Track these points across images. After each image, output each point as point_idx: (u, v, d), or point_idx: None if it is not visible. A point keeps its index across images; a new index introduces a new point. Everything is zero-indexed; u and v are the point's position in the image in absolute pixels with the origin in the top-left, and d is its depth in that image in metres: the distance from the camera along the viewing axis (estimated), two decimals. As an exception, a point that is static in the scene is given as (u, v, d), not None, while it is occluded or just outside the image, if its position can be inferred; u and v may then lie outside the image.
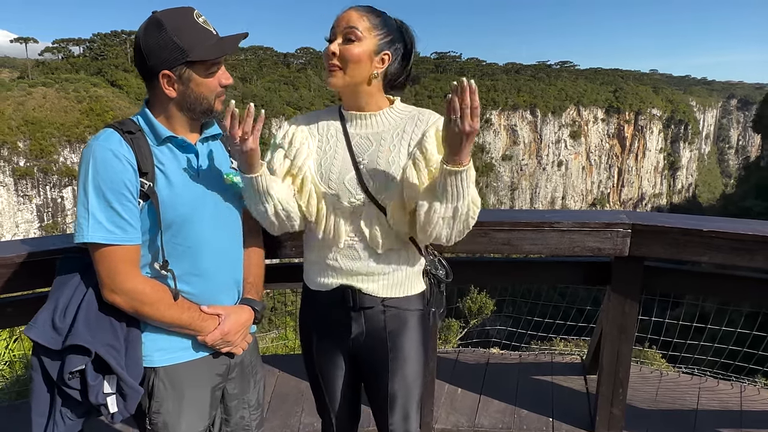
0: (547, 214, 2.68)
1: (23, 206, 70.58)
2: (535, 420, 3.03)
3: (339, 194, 1.75)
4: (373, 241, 1.76)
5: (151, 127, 1.66)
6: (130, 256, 1.61)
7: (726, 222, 2.58)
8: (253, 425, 2.01)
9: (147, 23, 1.61)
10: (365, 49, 1.68)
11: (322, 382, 1.99)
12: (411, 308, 1.88)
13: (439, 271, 1.94)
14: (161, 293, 1.65)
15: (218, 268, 1.78)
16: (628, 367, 2.75)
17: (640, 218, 2.58)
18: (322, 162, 1.79)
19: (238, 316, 1.81)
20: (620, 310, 2.67)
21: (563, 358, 3.70)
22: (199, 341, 1.74)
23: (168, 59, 1.58)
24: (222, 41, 1.64)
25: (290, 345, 5.89)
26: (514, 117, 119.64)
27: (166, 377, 1.71)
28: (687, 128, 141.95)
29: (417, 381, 1.90)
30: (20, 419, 3.04)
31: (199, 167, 1.72)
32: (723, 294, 2.97)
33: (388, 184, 1.73)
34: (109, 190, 1.55)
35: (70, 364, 1.55)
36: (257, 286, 1.94)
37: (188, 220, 1.68)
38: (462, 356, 3.73)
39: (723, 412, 3.10)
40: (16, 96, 72.48)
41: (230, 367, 1.87)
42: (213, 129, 1.79)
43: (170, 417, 1.72)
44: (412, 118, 1.79)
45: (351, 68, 1.68)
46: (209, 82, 1.65)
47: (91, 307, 1.62)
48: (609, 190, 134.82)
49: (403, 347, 1.86)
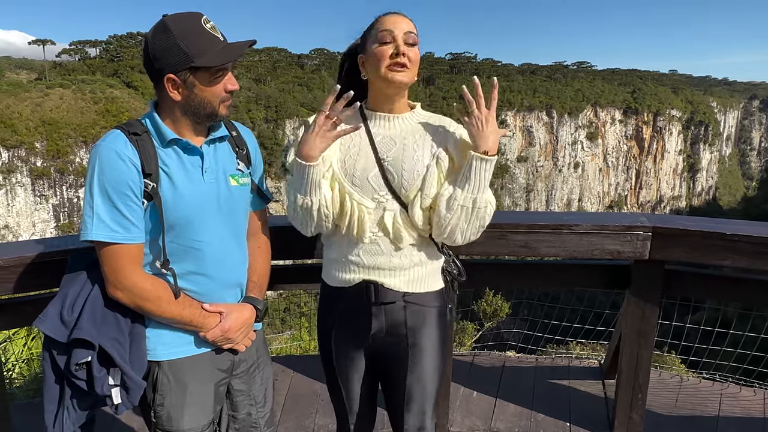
0: (565, 216, 2.65)
1: (40, 206, 71.75)
2: (552, 424, 2.99)
3: (363, 190, 1.80)
4: (396, 236, 1.82)
5: (157, 129, 1.69)
6: (133, 254, 1.65)
7: (749, 225, 2.52)
8: (261, 423, 2.02)
9: (155, 27, 1.64)
10: (418, 53, 1.82)
11: (340, 382, 2.00)
12: (431, 304, 1.91)
13: (453, 269, 2.00)
14: (162, 290, 1.68)
15: (221, 268, 1.80)
16: (647, 372, 2.70)
17: (661, 221, 2.54)
18: (345, 159, 1.84)
19: (240, 314, 1.83)
20: (640, 314, 2.63)
21: (580, 362, 3.66)
22: (201, 337, 1.78)
23: (173, 63, 1.61)
24: (228, 48, 1.66)
25: (304, 346, 5.90)
26: (530, 118, 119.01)
27: (170, 371, 1.76)
28: (707, 129, 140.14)
29: (434, 377, 1.92)
30: (38, 417, 3.07)
31: (204, 169, 1.74)
32: (746, 299, 2.91)
33: (411, 181, 1.80)
34: (113, 190, 1.59)
35: (77, 357, 1.62)
36: (261, 286, 1.97)
37: (191, 222, 1.71)
38: (477, 359, 3.70)
39: (745, 419, 3.04)
40: (33, 97, 73.76)
41: (235, 363, 1.90)
42: (220, 131, 1.81)
43: (173, 410, 1.77)
44: (434, 124, 1.89)
45: (413, 70, 1.80)
46: (214, 88, 1.67)
47: (97, 303, 1.68)
48: (626, 193, 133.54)
49: (422, 343, 1.89)
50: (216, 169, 1.77)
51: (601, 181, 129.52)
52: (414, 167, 1.80)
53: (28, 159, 70.29)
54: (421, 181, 1.80)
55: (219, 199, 1.76)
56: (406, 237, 1.82)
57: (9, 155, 69.16)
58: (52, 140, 71.03)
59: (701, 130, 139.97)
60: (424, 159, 1.81)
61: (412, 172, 1.79)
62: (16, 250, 2.22)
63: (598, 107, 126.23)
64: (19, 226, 69.62)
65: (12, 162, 69.35)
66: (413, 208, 1.80)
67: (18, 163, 69.70)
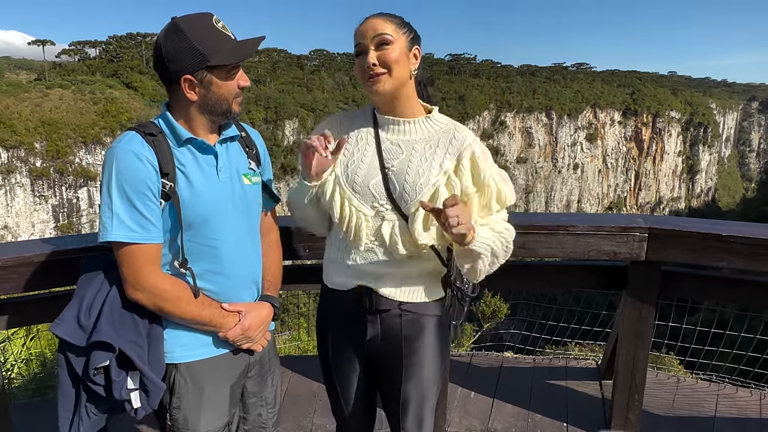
0: (562, 217, 2.66)
1: (39, 206, 71.62)
2: (549, 424, 3.00)
3: (363, 197, 1.77)
4: (392, 246, 1.77)
5: (172, 129, 1.70)
6: (152, 255, 1.65)
7: (745, 226, 2.54)
8: (270, 423, 2.04)
9: (167, 29, 1.64)
10: (400, 49, 1.72)
11: (337, 383, 1.99)
12: (428, 314, 1.87)
13: (465, 285, 1.89)
14: (182, 290, 1.68)
15: (238, 267, 1.80)
16: (644, 373, 2.71)
17: (657, 222, 2.55)
18: (348, 164, 1.81)
19: (259, 313, 1.84)
20: (636, 315, 2.64)
21: (578, 363, 3.67)
22: (221, 338, 1.78)
23: (189, 64, 1.62)
24: (241, 45, 1.68)
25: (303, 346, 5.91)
26: (530, 119, 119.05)
27: (187, 373, 1.75)
28: (706, 131, 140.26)
29: (432, 387, 1.89)
30: (37, 417, 3.09)
31: (219, 168, 1.75)
32: (742, 300, 2.92)
33: (413, 194, 1.73)
34: (131, 190, 1.59)
35: (95, 360, 1.59)
36: (276, 284, 1.98)
37: (208, 220, 1.71)
38: (475, 360, 3.71)
39: (742, 420, 3.06)
40: (33, 98, 73.66)
41: (250, 364, 1.90)
42: (231, 130, 1.82)
43: (190, 413, 1.76)
44: (447, 133, 1.80)
45: (395, 70, 1.71)
46: (229, 84, 1.69)
47: (115, 305, 1.66)
48: (626, 194, 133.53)
49: (419, 352, 1.85)
50: (230, 168, 1.78)
51: (601, 183, 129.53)
52: (417, 180, 1.73)
53: (27, 159, 70.19)
54: (423, 197, 1.72)
55: (234, 197, 1.77)
56: (401, 249, 1.76)
57: (8, 156, 69.07)
58: (51, 141, 70.93)
59: (700, 131, 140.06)
60: (431, 174, 1.74)
61: (414, 186, 1.73)
62: (15, 250, 2.22)
63: (598, 108, 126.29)
64: (19, 227, 69.52)
65: (11, 162, 69.25)
66: (414, 222, 1.72)
67: (17, 164, 69.57)
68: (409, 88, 1.79)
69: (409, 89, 1.80)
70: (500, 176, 1.77)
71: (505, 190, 1.76)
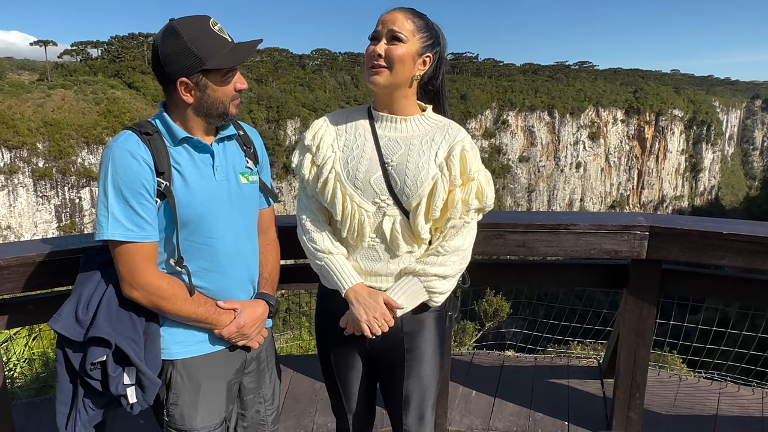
0: (563, 216, 2.66)
1: (42, 206, 71.82)
2: (550, 423, 3.00)
3: (364, 193, 1.78)
4: (393, 242, 1.79)
5: (168, 128, 1.71)
6: (148, 253, 1.66)
7: (746, 225, 2.53)
8: (269, 420, 2.05)
9: (164, 31, 1.65)
10: (409, 51, 1.71)
11: (338, 382, 2.00)
12: (428, 310, 1.89)
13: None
14: (177, 288, 1.70)
15: (233, 265, 1.82)
16: (645, 371, 2.71)
17: (658, 221, 2.55)
18: (348, 160, 1.81)
19: (254, 310, 1.85)
20: (637, 313, 2.64)
21: (579, 362, 3.67)
22: (216, 335, 1.79)
23: (185, 67, 1.63)
24: (237, 49, 1.68)
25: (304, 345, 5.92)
26: (532, 118, 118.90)
27: (184, 369, 1.77)
28: (710, 129, 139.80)
29: (433, 382, 1.91)
30: (39, 416, 3.10)
31: (215, 167, 1.76)
32: (744, 298, 2.91)
33: (414, 188, 1.75)
34: (127, 189, 1.60)
35: (92, 356, 1.61)
36: (272, 282, 1.99)
37: (204, 219, 1.72)
38: (477, 359, 3.71)
39: (744, 418, 3.05)
40: (35, 98, 73.86)
41: (247, 361, 1.92)
42: (228, 130, 1.83)
43: (187, 408, 1.78)
44: (441, 129, 1.82)
45: (396, 69, 1.71)
46: (225, 88, 1.70)
47: (112, 302, 1.69)
48: (629, 192, 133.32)
49: (420, 348, 1.88)
50: (226, 166, 1.79)
51: (603, 181, 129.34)
52: (417, 175, 1.75)
53: (29, 160, 70.37)
54: (428, 194, 1.75)
55: (230, 196, 1.78)
56: (402, 245, 1.79)
57: (11, 156, 69.26)
58: (53, 141, 71.10)
59: (703, 129, 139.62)
60: (429, 168, 1.76)
61: (415, 180, 1.75)
62: (17, 249, 2.23)
63: (600, 107, 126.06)
64: (21, 227, 69.71)
65: (14, 163, 69.44)
66: (416, 217, 1.76)
67: (20, 164, 69.76)
68: (409, 90, 1.79)
69: (408, 91, 1.79)
70: (485, 176, 1.80)
71: (486, 190, 1.79)
